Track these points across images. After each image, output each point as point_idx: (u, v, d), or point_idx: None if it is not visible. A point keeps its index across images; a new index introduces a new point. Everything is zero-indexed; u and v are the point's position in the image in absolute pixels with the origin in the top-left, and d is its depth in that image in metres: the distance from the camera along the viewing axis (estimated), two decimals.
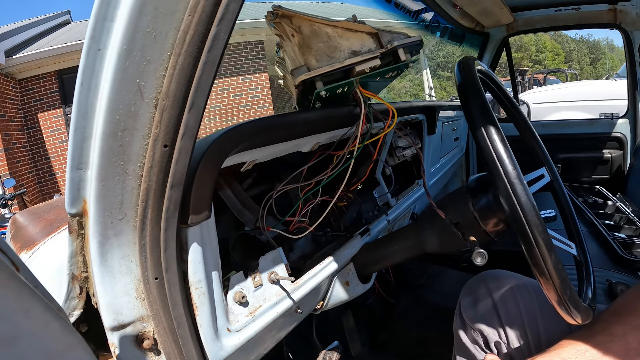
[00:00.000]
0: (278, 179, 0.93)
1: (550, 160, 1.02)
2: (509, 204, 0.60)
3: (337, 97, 0.81)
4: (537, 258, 0.61)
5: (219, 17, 0.41)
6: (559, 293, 0.64)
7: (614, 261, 1.48)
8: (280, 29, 0.71)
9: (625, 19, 2.37)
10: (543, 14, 2.49)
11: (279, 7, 0.68)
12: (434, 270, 2.07)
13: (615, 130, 2.55)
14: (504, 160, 0.60)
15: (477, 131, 0.62)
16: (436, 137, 1.72)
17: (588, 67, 28.48)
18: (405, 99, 16.80)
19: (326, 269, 0.87)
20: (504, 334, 0.90)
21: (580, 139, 2.61)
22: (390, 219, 1.17)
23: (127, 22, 0.40)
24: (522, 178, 0.60)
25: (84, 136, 0.43)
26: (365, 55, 0.71)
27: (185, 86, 0.42)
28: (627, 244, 1.56)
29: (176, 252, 0.51)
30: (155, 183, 0.46)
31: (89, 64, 0.41)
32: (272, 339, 0.79)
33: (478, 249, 0.72)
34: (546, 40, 26.47)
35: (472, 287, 0.97)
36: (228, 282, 0.68)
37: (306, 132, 0.77)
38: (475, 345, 0.93)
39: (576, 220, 0.97)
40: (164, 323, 0.52)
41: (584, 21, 2.51)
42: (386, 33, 0.72)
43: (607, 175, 2.59)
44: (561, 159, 2.63)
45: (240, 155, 0.63)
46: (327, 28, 0.69)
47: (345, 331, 1.34)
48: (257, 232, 0.84)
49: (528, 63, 25.78)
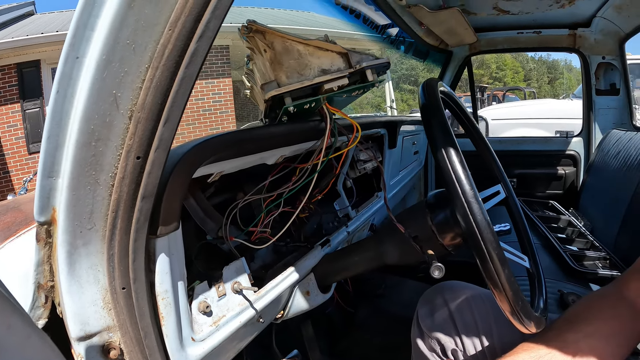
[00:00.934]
0: (241, 189, 0.94)
1: (506, 177, 1.07)
2: (466, 221, 0.64)
3: (304, 112, 0.83)
4: (491, 272, 0.65)
5: (198, 33, 0.42)
6: (512, 304, 0.67)
7: (565, 273, 1.57)
8: (253, 43, 0.73)
9: (584, 43, 2.52)
10: (505, 36, 2.63)
11: (254, 22, 0.70)
12: (392, 280, 2.12)
13: (569, 148, 2.68)
14: (462, 181, 0.64)
15: (438, 152, 0.65)
16: (396, 151, 1.79)
17: (546, 85, 29.67)
18: (367, 110, 17.01)
19: (287, 279, 0.88)
20: (460, 342, 0.94)
21: (536, 155, 2.73)
22: (350, 231, 1.20)
23: (108, 33, 0.40)
24: (478, 197, 0.64)
25: (57, 144, 0.43)
26: (334, 74, 0.74)
27: (161, 99, 0.43)
28: (578, 256, 1.67)
29: (144, 263, 0.51)
30: (126, 194, 0.46)
31: (67, 72, 0.41)
32: (234, 348, 0.80)
33: (436, 262, 0.76)
34: (507, 58, 27.52)
35: (429, 297, 1.01)
36: (192, 292, 0.68)
37: (272, 145, 0.79)
38: (433, 353, 0.96)
39: (529, 234, 1.04)
40: (130, 333, 0.51)
41: (545, 44, 2.65)
42: (355, 54, 0.75)
43: (561, 191, 2.71)
44: (517, 174, 2.73)
45: (208, 167, 0.64)
46: (299, 45, 0.72)
47: (305, 340, 1.35)
48: (220, 241, 0.84)
49: (488, 80, 26.75)
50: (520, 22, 2.46)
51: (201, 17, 0.42)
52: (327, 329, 1.64)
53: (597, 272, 1.56)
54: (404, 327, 1.09)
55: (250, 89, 0.97)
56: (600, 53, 2.49)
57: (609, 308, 0.79)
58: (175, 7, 0.41)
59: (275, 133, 0.77)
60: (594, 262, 1.67)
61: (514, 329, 0.74)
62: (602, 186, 2.18)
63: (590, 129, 2.60)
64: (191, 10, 0.41)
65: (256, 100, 0.96)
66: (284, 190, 0.88)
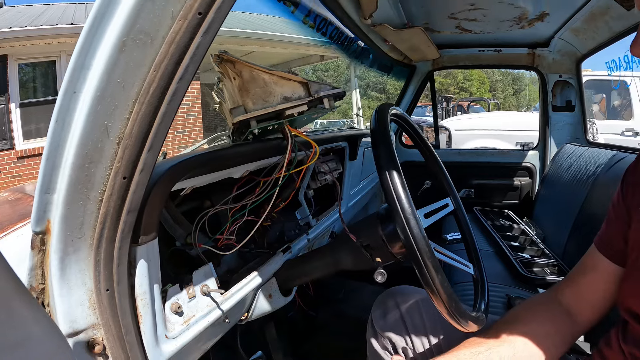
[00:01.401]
0: (209, 199, 1.02)
1: (455, 190, 1.16)
2: (404, 234, 0.72)
3: (267, 132, 0.93)
4: (427, 278, 0.73)
5: (179, 75, 0.51)
6: (446, 306, 0.75)
7: (515, 278, 1.66)
8: (224, 70, 0.81)
9: (542, 62, 2.63)
10: (467, 53, 2.72)
11: (225, 53, 0.79)
12: (352, 285, 2.22)
13: (526, 161, 2.78)
14: (401, 200, 0.72)
15: (382, 174, 0.74)
16: (357, 162, 1.88)
17: (511, 97, 30.07)
18: (333, 116, 17.14)
19: (251, 283, 0.96)
20: (410, 341, 1.01)
21: (494, 167, 2.81)
22: (310, 238, 1.29)
23: (102, 72, 0.48)
24: (415, 214, 0.73)
25: (54, 165, 0.50)
26: (295, 101, 0.83)
27: (145, 130, 0.51)
28: (528, 263, 1.75)
29: (127, 268, 0.59)
30: (113, 208, 0.54)
31: (64, 104, 0.49)
32: (203, 346, 0.87)
33: (379, 269, 0.85)
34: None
35: (383, 301, 1.09)
36: (166, 294, 0.75)
37: (239, 162, 0.87)
38: (385, 351, 1.03)
39: (475, 244, 1.12)
40: (112, 330, 0.59)
41: (504, 62, 2.76)
42: (314, 83, 0.85)
43: (517, 201, 2.80)
44: (475, 184, 2.81)
45: (182, 182, 0.72)
46: (264, 75, 0.81)
47: (268, 342, 1.41)
48: (188, 247, 0.91)
49: (455, 89, 27.05)
50: (481, 41, 2.55)
51: (181, 61, 0.50)
52: (289, 331, 1.72)
53: (545, 278, 1.65)
54: (362, 329, 1.15)
55: (219, 104, 1.05)
56: (557, 71, 2.60)
57: (545, 311, 0.86)
58: (159, 52, 0.49)
59: (242, 152, 0.86)
60: (543, 268, 1.76)
61: (457, 329, 0.80)
62: (554, 197, 2.28)
63: (546, 142, 2.71)
64: (172, 55, 0.49)
65: (224, 115, 1.04)
66: (248, 202, 0.95)
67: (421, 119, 7.85)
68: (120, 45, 0.47)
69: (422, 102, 11.25)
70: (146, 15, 0.47)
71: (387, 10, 1.73)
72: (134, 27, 0.47)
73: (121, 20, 0.46)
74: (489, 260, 1.89)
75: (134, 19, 0.46)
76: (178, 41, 0.49)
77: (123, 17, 0.46)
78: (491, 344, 0.79)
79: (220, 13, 0.50)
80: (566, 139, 2.62)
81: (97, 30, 0.47)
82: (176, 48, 0.49)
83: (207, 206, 0.97)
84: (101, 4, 0.47)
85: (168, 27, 0.48)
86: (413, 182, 1.41)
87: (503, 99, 27.98)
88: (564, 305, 0.86)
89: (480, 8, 1.89)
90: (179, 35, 0.48)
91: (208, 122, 9.02)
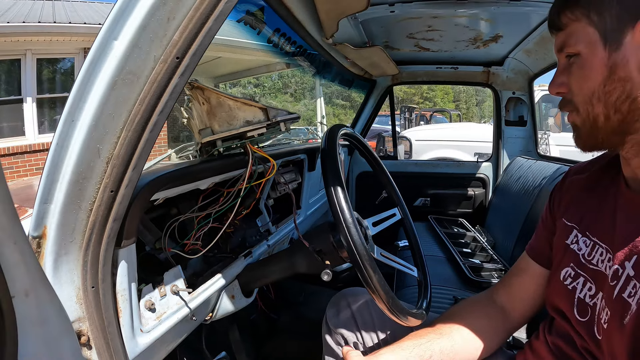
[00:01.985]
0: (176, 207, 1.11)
1: (402, 201, 1.27)
2: (346, 241, 0.83)
3: (231, 149, 1.04)
4: (366, 277, 0.82)
5: (159, 109, 0.62)
6: (385, 303, 0.84)
7: (463, 282, 1.78)
8: (194, 95, 0.93)
9: (496, 80, 2.78)
10: (425, 69, 2.85)
11: (196, 80, 0.91)
12: (312, 289, 2.32)
13: (479, 172, 2.91)
14: (344, 212, 0.83)
15: (328, 189, 0.85)
16: (316, 173, 1.98)
17: (474, 107, 30.53)
18: (298, 123, 17.05)
19: (215, 284, 1.05)
20: (360, 336, 1.10)
21: (449, 177, 2.94)
22: (270, 244, 1.39)
23: (96, 106, 0.58)
24: (355, 224, 0.83)
25: (53, 180, 0.60)
26: (255, 125, 0.95)
27: (131, 152, 0.62)
28: (477, 268, 1.88)
29: (110, 267, 0.69)
30: (100, 217, 0.64)
31: (64, 130, 0.59)
32: (173, 342, 0.96)
33: (326, 269, 0.97)
34: None
35: (336, 301, 1.18)
36: (140, 292, 0.85)
37: (206, 176, 0.98)
38: (339, 346, 1.11)
39: (421, 250, 1.24)
40: (96, 322, 0.68)
41: (461, 79, 2.90)
42: (272, 109, 0.97)
43: (470, 210, 2.93)
44: (431, 194, 2.93)
45: (157, 194, 0.83)
46: (229, 101, 0.93)
47: (232, 343, 1.47)
48: (157, 252, 0.99)
49: (419, 99, 27.30)
50: (439, 59, 2.67)
51: (161, 97, 0.62)
52: (252, 333, 1.80)
53: (492, 281, 1.77)
54: (319, 330, 1.22)
55: (188, 119, 1.15)
56: (510, 89, 2.76)
57: (481, 309, 0.96)
58: (143, 89, 0.60)
59: (209, 167, 0.97)
60: (491, 272, 1.89)
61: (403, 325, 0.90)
62: (504, 206, 2.40)
63: (499, 155, 2.85)
64: (154, 92, 0.61)
65: (191, 129, 1.14)
66: (213, 210, 1.05)
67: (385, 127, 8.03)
68: (113, 83, 0.58)
69: (386, 112, 11.43)
70: (134, 59, 0.58)
71: (348, 31, 1.84)
72: (124, 68, 0.58)
73: (114, 63, 0.58)
74: (440, 265, 2.01)
75: (124, 62, 0.58)
76: (159, 80, 0.60)
77: (115, 60, 0.58)
78: (432, 336, 0.87)
79: (195, 58, 0.62)
80: (518, 151, 2.77)
81: (93, 70, 0.58)
82: (157, 86, 0.61)
83: (174, 214, 1.05)
84: (98, 47, 0.58)
85: (151, 68, 0.59)
86: (372, 191, 1.54)
87: (466, 109, 28.44)
88: (499, 303, 0.96)
89: (437, 29, 2.02)
90: (160, 75, 0.60)
91: (174, 133, 8.91)
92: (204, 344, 1.35)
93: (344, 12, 1.41)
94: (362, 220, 1.06)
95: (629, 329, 0.61)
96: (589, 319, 0.71)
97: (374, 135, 6.97)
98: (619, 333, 0.63)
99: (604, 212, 0.75)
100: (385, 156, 3.18)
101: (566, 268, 0.79)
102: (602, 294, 0.69)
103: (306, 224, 2.05)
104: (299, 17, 1.42)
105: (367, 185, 2.89)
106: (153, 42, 0.58)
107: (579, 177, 0.87)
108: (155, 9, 0.57)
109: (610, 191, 0.76)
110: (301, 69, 3.19)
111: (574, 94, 0.69)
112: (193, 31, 0.59)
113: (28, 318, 0.43)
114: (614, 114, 0.64)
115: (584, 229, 0.79)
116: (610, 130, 0.66)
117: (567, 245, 0.81)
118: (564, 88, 0.70)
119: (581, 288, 0.75)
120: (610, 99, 0.64)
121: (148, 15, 0.57)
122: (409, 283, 1.76)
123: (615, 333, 0.63)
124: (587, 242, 0.77)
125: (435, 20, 1.89)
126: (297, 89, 23.98)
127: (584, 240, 0.78)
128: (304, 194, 1.88)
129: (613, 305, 0.65)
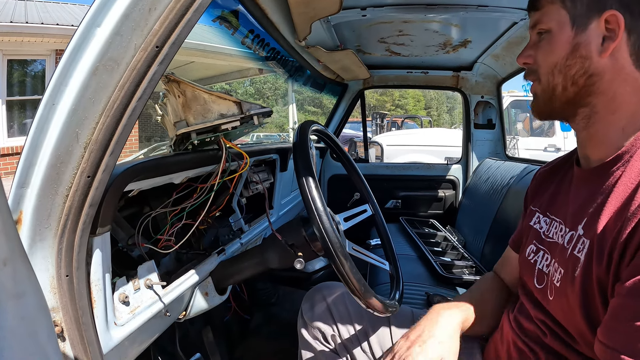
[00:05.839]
0: (148, 204, 1.10)
1: (373, 198, 1.31)
2: (319, 232, 0.84)
3: (205, 143, 1.05)
4: (338, 266, 0.84)
5: (138, 95, 0.63)
6: (357, 290, 0.86)
7: (435, 279, 1.84)
8: (170, 88, 0.93)
9: (465, 84, 2.86)
10: (396, 74, 2.92)
11: (172, 74, 0.92)
12: (285, 290, 2.33)
13: (450, 174, 2.98)
14: (317, 204, 0.85)
15: (301, 182, 0.87)
16: (288, 174, 2.01)
17: (445, 114, 31.58)
18: (270, 129, 16.95)
19: (189, 280, 1.04)
20: (337, 329, 1.11)
21: (420, 180, 3.00)
22: (243, 242, 1.40)
23: (77, 91, 0.59)
24: (328, 215, 0.85)
25: (30, 164, 0.60)
26: (229, 118, 0.96)
27: (108, 137, 0.63)
28: (448, 265, 1.94)
29: (85, 255, 0.69)
30: (77, 202, 0.64)
31: (44, 114, 0.59)
32: (147, 338, 0.95)
33: (299, 258, 0.99)
34: None
35: (311, 295, 1.20)
36: (114, 285, 0.84)
37: (180, 169, 0.99)
38: (316, 340, 1.14)
39: (392, 245, 1.27)
40: (70, 312, 0.67)
41: (431, 83, 2.99)
42: (246, 103, 0.99)
43: (441, 211, 2.99)
44: (402, 196, 2.98)
45: (131, 184, 0.83)
46: (204, 94, 0.94)
47: (206, 345, 1.46)
48: (130, 248, 0.99)
49: (391, 106, 27.80)
50: (409, 63, 2.74)
51: (140, 84, 0.63)
52: (226, 335, 1.80)
53: (463, 277, 1.83)
54: (293, 330, 1.24)
55: (162, 117, 1.15)
56: (479, 93, 2.83)
57: (492, 279, 1.07)
58: (123, 76, 0.61)
59: (183, 160, 0.98)
60: (462, 269, 1.95)
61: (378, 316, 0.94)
62: (474, 207, 2.49)
63: (469, 157, 2.92)
64: (134, 79, 0.62)
65: (165, 126, 1.14)
66: (186, 206, 1.05)
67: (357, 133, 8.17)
68: (94, 69, 0.59)
69: (358, 118, 11.62)
70: (115, 46, 0.60)
71: (321, 34, 1.89)
72: (105, 55, 0.59)
73: (96, 49, 0.59)
74: (412, 263, 2.07)
75: (106, 49, 0.59)
76: (139, 68, 0.61)
77: (97, 46, 0.59)
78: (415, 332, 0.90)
79: (174, 47, 0.63)
80: (487, 153, 2.87)
81: (76, 55, 0.59)
82: (137, 73, 0.62)
83: (147, 211, 1.05)
84: (81, 33, 0.59)
85: (131, 56, 0.61)
86: (343, 194, 1.56)
87: (437, 116, 29.16)
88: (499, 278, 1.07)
89: (407, 34, 2.09)
90: (140, 63, 0.61)
91: (146, 133, 8.70)
92: (178, 346, 1.33)
93: (316, 14, 1.45)
94: (334, 215, 1.08)
95: (578, 280, 0.67)
96: (544, 285, 0.78)
97: (345, 140, 7.08)
98: (570, 287, 0.69)
99: (561, 192, 0.84)
100: (357, 159, 3.20)
101: (530, 245, 0.88)
102: (555, 259, 0.76)
103: (278, 224, 2.04)
104: (272, 19, 1.45)
105: (339, 188, 2.94)
106: (134, 31, 0.60)
107: (545, 170, 0.97)
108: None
109: (568, 174, 0.85)
110: (274, 74, 3.20)
111: (539, 65, 0.76)
112: (173, 21, 0.61)
113: (5, 290, 0.43)
114: (571, 86, 0.72)
115: (544, 210, 0.88)
116: (565, 100, 0.74)
117: (531, 226, 0.90)
118: (531, 59, 0.78)
119: (540, 260, 0.82)
120: (570, 72, 0.72)
121: (131, 4, 0.59)
122: (381, 280, 1.80)
123: (568, 288, 0.70)
124: (547, 220, 0.85)
125: (406, 25, 1.96)
126: (270, 95, 23.93)
127: (545, 220, 0.86)
128: (276, 194, 1.89)
129: (565, 264, 0.72)
